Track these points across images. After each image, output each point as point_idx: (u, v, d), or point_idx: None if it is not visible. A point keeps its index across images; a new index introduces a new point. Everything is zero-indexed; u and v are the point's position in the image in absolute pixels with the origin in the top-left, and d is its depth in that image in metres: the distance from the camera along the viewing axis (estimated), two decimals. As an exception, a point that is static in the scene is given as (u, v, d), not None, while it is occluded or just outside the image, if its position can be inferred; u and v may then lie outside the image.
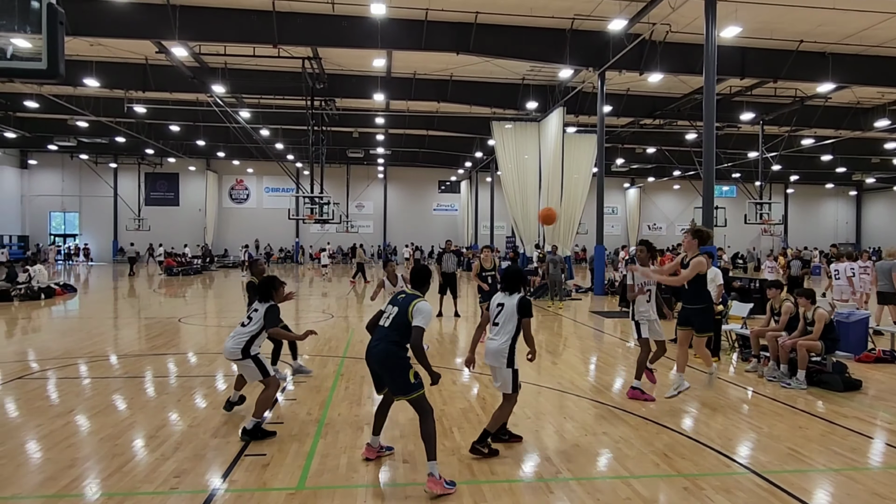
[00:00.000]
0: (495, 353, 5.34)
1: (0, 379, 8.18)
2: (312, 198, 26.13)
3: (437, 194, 50.08)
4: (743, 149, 35.16)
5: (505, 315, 5.33)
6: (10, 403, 6.98)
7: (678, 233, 50.36)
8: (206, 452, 5.37)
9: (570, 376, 8.62)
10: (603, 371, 9.11)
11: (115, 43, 20.44)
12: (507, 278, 5.48)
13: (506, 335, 5.32)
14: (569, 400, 7.33)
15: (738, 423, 6.47)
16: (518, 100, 25.28)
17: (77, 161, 44.35)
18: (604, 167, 21.84)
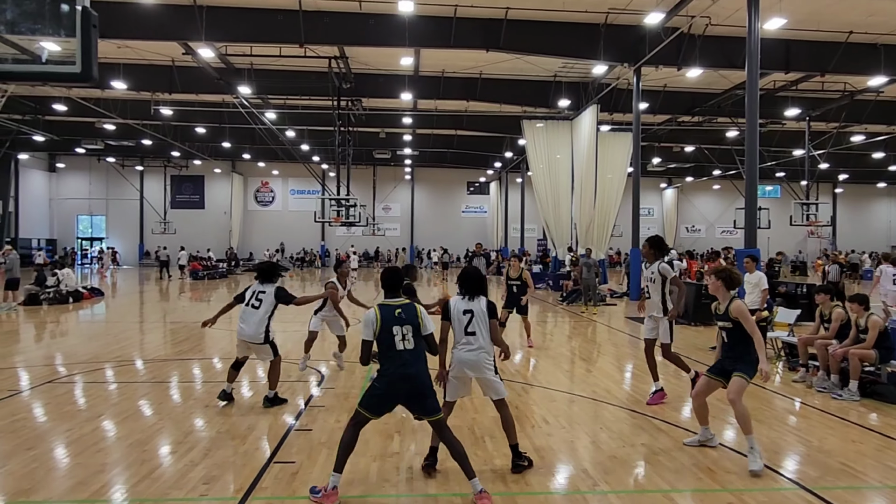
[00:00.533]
0: (478, 363, 5.09)
1: (30, 383, 8.43)
2: (339, 200, 26.38)
3: (466, 196, 50.10)
4: (788, 146, 34.44)
5: (478, 321, 5.12)
6: (40, 408, 7.19)
7: (718, 235, 49.56)
8: (234, 459, 5.45)
9: (606, 384, 8.53)
10: (640, 379, 8.99)
11: (142, 45, 20.94)
12: (468, 281, 5.21)
13: (486, 342, 5.13)
14: (604, 409, 7.25)
15: (786, 436, 6.33)
16: (550, 98, 25.17)
17: (104, 164, 45.52)
18: (639, 167, 21.62)
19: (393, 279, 4.94)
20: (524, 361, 10.37)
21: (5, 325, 14.24)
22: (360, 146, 36.47)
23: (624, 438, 6.14)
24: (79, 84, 5.34)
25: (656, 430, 6.44)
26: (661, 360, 7.79)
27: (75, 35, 3.69)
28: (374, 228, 45.41)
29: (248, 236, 47.91)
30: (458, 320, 5.15)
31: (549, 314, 17.58)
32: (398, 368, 4.65)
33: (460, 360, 5.13)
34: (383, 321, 4.69)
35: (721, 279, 5.68)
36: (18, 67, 3.86)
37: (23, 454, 5.53)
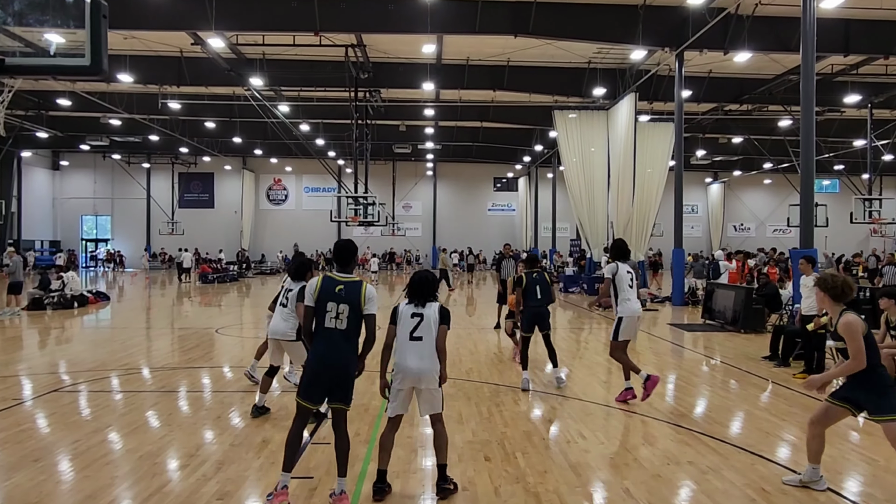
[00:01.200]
0: (426, 371, 4.96)
1: (35, 392, 8.63)
2: (356, 198, 26.55)
3: (493, 193, 50.07)
4: (847, 137, 33.82)
5: (426, 326, 4.98)
6: (45, 418, 7.36)
7: (769, 234, 48.85)
8: (249, 473, 5.53)
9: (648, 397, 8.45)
10: (685, 391, 8.91)
11: (149, 35, 21.33)
12: (417, 286, 5.09)
13: (433, 349, 5.00)
14: (646, 424, 7.20)
15: (848, 454, 6.22)
16: (583, 86, 25.06)
17: (109, 161, 46.43)
18: (682, 160, 21.37)
19: (424, 287, 5.07)
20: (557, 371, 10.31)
21: (8, 331, 14.59)
22: (378, 140, 36.67)
23: (668, 455, 6.09)
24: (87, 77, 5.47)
25: (704, 446, 6.37)
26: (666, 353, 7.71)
27: (84, 26, 3.78)
28: (394, 228, 45.63)
29: (260, 237, 48.46)
30: (405, 323, 5.02)
31: (583, 320, 17.49)
32: (325, 350, 4.73)
33: (406, 369, 4.96)
34: (321, 292, 4.74)
35: (825, 291, 5.11)
36: (27, 61, 3.97)
37: (29, 466, 5.67)
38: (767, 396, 8.66)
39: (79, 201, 47.92)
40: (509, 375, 9.84)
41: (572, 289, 26.65)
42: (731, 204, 50.05)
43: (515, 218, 49.33)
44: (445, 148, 42.07)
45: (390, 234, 46.04)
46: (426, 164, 47.96)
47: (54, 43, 3.98)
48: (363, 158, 29.94)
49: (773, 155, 37.31)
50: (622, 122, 22.78)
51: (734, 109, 30.13)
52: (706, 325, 15.80)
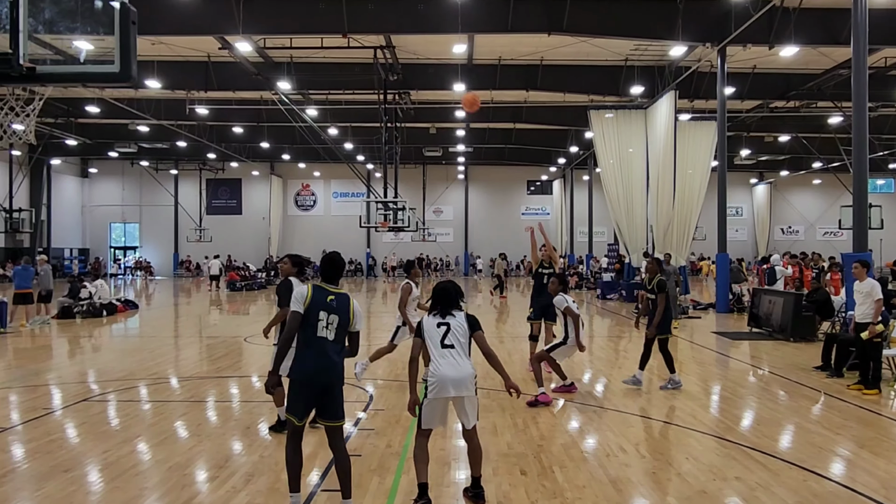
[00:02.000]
0: (465, 380, 4.99)
1: (65, 401, 8.84)
2: (386, 202, 26.70)
3: (526, 196, 49.90)
4: (902, 133, 32.94)
5: (456, 333, 5.10)
6: (76, 427, 7.53)
7: (820, 237, 47.83)
8: (279, 486, 5.57)
9: (691, 408, 8.33)
10: (731, 403, 8.75)
11: (177, 41, 21.78)
12: (441, 297, 5.21)
13: (467, 356, 5.11)
14: (690, 437, 7.08)
15: (908, 471, 6.03)
16: (620, 84, 24.87)
17: (137, 168, 47.45)
18: (726, 160, 21.07)
19: (446, 297, 5.20)
20: (594, 381, 10.23)
21: (39, 340, 14.98)
22: (408, 143, 36.83)
23: (714, 470, 5.98)
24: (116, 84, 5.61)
25: (752, 461, 6.24)
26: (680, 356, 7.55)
27: (113, 33, 3.87)
28: (425, 233, 45.74)
29: (289, 243, 48.93)
30: (432, 334, 5.10)
31: (623, 328, 17.31)
32: (316, 360, 4.68)
33: (442, 378, 4.97)
34: (313, 302, 4.72)
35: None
36: (57, 69, 4.09)
37: (60, 476, 5.80)
38: (820, 409, 8.46)
39: (107, 208, 49.04)
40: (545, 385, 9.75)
41: (610, 295, 26.40)
42: (779, 206, 49.07)
43: (550, 222, 48.99)
44: (477, 150, 42.06)
45: (421, 239, 46.15)
46: (457, 167, 48.01)
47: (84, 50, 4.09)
48: (393, 162, 30.11)
49: (822, 154, 36.52)
50: (661, 121, 22.51)
51: (780, 106, 29.59)
52: (753, 334, 15.51)
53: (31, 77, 3.85)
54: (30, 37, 3.90)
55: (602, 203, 32.18)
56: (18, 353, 13.23)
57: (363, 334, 5.75)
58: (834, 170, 38.48)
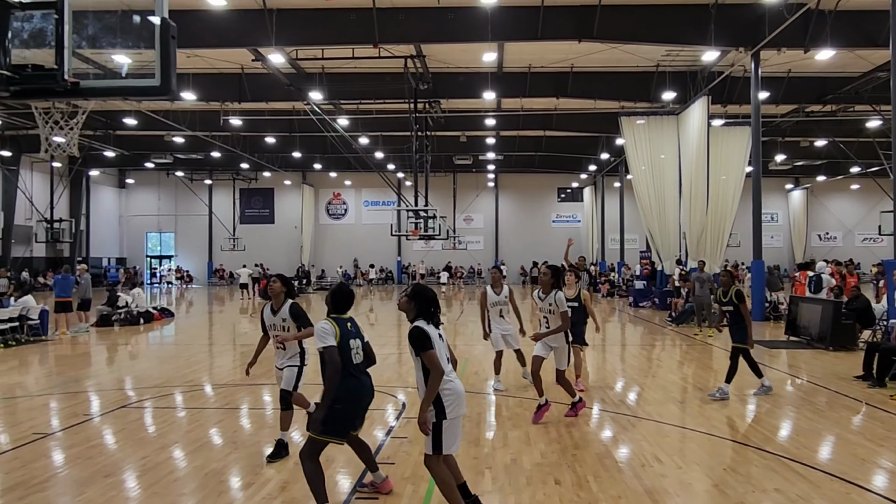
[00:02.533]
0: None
1: (104, 408, 9.01)
2: (416, 211, 26.78)
3: (557, 203, 49.69)
4: (944, 136, 32.10)
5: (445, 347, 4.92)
6: (114, 434, 7.67)
7: (859, 243, 46.78)
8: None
9: (728, 418, 8.20)
10: (769, 413, 8.59)
11: (211, 53, 22.18)
12: (434, 303, 4.81)
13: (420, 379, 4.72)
14: (727, 447, 6.97)
15: (956, 484, 5.86)
16: (652, 90, 24.67)
17: (173, 178, 48.36)
18: (760, 165, 20.73)
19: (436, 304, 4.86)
20: (627, 390, 10.12)
21: (78, 347, 15.31)
22: (438, 152, 36.94)
23: (753, 482, 5.87)
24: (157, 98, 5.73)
25: (792, 472, 6.11)
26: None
27: (154, 47, 3.96)
28: (455, 241, 45.77)
29: (320, 252, 49.41)
30: (439, 345, 4.67)
31: (656, 336, 17.11)
32: (362, 383, 5.08)
33: (459, 394, 4.69)
34: (342, 334, 4.99)
35: None
36: (100, 83, 4.19)
37: (100, 482, 5.92)
38: (861, 419, 8.26)
39: (143, 218, 50.03)
40: (578, 395, 9.68)
41: (643, 303, 26.11)
42: (815, 211, 48.13)
43: (581, 229, 48.73)
44: (507, 158, 42.02)
45: (451, 247, 46.20)
46: (487, 175, 48.01)
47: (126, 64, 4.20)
48: (423, 171, 30.22)
49: (860, 158, 35.76)
50: (694, 127, 22.30)
51: (816, 111, 29.05)
52: (790, 342, 15.21)
53: (76, 91, 3.96)
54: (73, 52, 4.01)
55: (633, 210, 31.91)
56: (59, 361, 13.54)
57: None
58: (873, 174, 37.67)
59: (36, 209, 36.71)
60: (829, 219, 48.56)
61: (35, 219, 37.39)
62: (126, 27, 4.43)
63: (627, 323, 21.09)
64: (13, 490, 5.69)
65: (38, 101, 15.94)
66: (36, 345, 15.50)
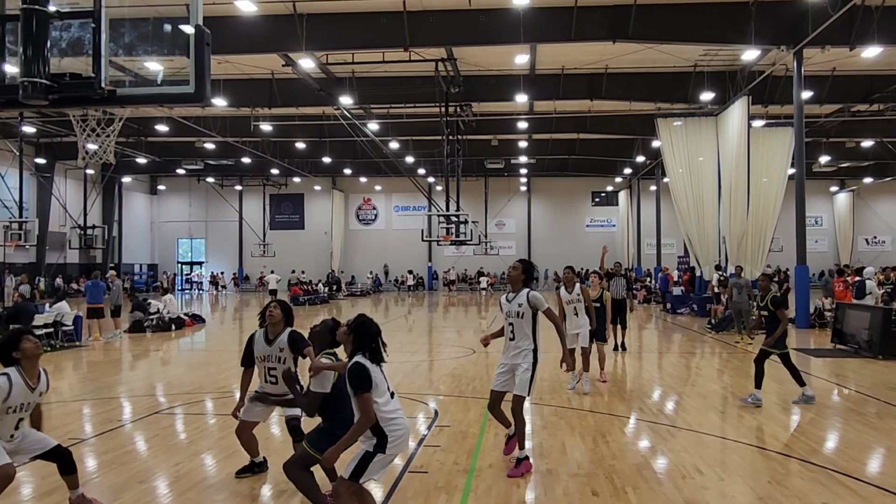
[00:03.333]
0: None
1: (136, 414, 9.19)
2: (447, 216, 26.83)
3: (591, 208, 49.40)
4: None
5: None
6: (147, 440, 7.82)
7: (908, 248, 45.62)
8: (345, 501, 5.65)
9: (771, 429, 8.05)
10: (814, 423, 8.41)
11: (241, 59, 22.54)
12: (362, 335, 4.51)
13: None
14: (770, 458, 6.84)
15: None
16: (689, 91, 24.41)
17: (203, 185, 49.20)
18: (804, 167, 20.36)
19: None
20: (665, 399, 10.00)
21: (112, 354, 15.64)
22: (469, 156, 37.00)
23: (799, 496, 5.75)
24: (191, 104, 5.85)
25: (840, 486, 5.97)
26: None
27: (188, 55, 4.05)
28: (487, 247, 45.73)
29: (350, 258, 49.77)
30: (379, 381, 4.41)
31: (695, 344, 16.88)
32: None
33: (407, 433, 4.49)
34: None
35: None
36: (136, 90, 4.30)
37: (135, 487, 6.03)
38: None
39: (175, 225, 50.98)
40: (615, 403, 9.60)
41: (681, 310, 25.76)
42: (862, 215, 47.04)
43: (616, 234, 48.36)
44: (540, 162, 41.90)
45: (483, 252, 46.17)
46: (520, 179, 47.92)
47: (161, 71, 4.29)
48: (454, 175, 30.29)
49: (910, 159, 34.93)
50: (734, 128, 21.99)
51: (863, 110, 28.44)
52: (837, 350, 14.88)
53: (112, 99, 4.06)
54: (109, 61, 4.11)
55: (670, 214, 31.57)
56: (92, 366, 13.85)
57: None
58: (923, 176, 36.74)
59: (70, 216, 37.60)
60: (876, 222, 47.46)
61: (69, 225, 38.32)
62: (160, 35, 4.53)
63: (664, 330, 20.85)
64: (50, 495, 5.83)
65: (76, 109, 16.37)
66: (70, 350, 15.86)
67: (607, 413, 8.92)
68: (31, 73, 3.79)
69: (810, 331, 19.02)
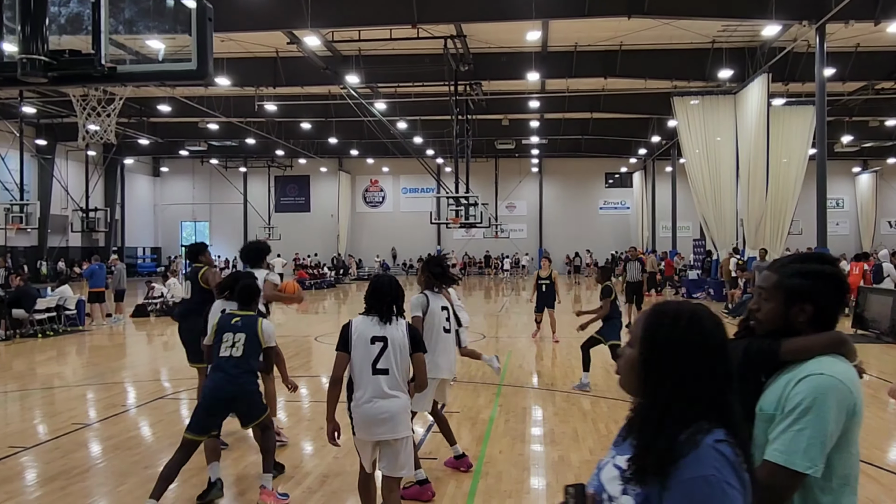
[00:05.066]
0: (397, 416, 4.18)
1: (140, 399, 9.28)
2: (457, 198, 26.78)
3: (604, 189, 49.16)
4: None
5: (395, 353, 4.20)
6: (152, 425, 7.90)
7: (933, 231, 45.22)
8: (353, 488, 5.66)
9: (789, 417, 8.04)
10: (834, 412, 8.39)
11: (246, 37, 22.44)
12: (378, 294, 4.33)
13: (404, 384, 4.26)
14: (789, 447, 6.83)
15: None
16: (707, 68, 24.15)
17: (207, 167, 49.26)
18: (825, 147, 20.15)
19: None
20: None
21: (115, 338, 15.77)
22: (479, 136, 36.82)
23: (816, 483, 5.75)
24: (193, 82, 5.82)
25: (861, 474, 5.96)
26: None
27: (189, 31, 4.03)
28: (497, 230, 45.64)
29: (357, 241, 49.82)
30: (365, 352, 4.19)
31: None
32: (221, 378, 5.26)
33: (371, 415, 4.15)
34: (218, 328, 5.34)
35: None
36: (138, 67, 4.30)
37: (140, 472, 6.10)
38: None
39: (178, 207, 51.13)
40: (628, 390, 9.61)
41: (696, 294, 25.70)
42: (885, 196, 46.59)
43: (630, 217, 48.16)
44: (552, 142, 41.67)
45: (493, 235, 46.05)
46: (531, 160, 47.70)
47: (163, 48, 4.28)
48: (464, 156, 30.17)
49: (936, 139, 34.56)
50: (753, 106, 21.79)
51: (887, 88, 28.08)
52: (857, 336, 14.81)
53: (113, 77, 4.05)
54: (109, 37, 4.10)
55: (686, 196, 31.39)
56: (96, 351, 13.97)
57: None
58: (950, 156, 36.33)
59: (71, 198, 37.74)
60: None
61: (71, 208, 38.47)
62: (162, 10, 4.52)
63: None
64: (55, 479, 5.90)
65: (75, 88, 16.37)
66: (73, 335, 16.01)
67: (620, 399, 8.92)
68: (29, 50, 3.78)
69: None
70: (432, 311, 5.36)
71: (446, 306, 5.52)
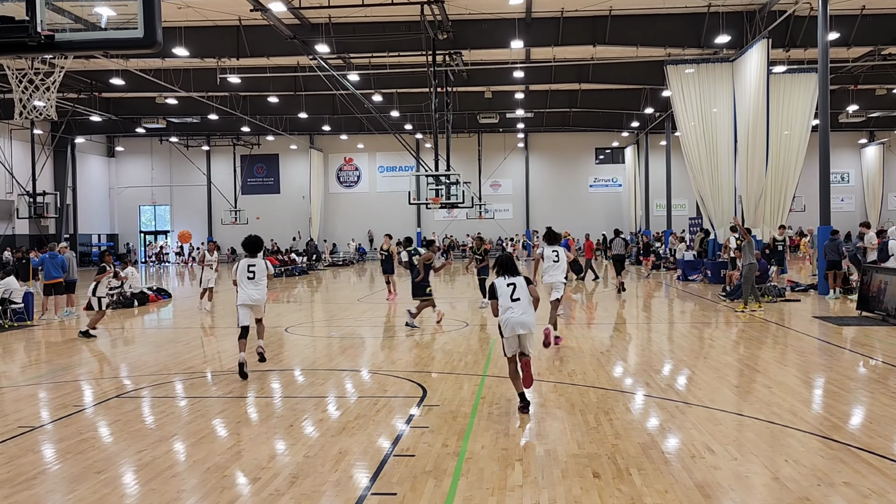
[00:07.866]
0: (527, 323, 7.76)
1: (96, 398, 9.19)
2: (437, 176, 26.72)
3: (595, 166, 49.35)
4: None
5: (521, 289, 7.90)
6: (109, 426, 7.82)
7: (942, 205, 45.87)
8: (325, 489, 5.68)
9: (790, 404, 8.13)
10: (837, 398, 8.49)
11: (205, 3, 22.17)
12: (508, 264, 8.16)
13: (529, 305, 7.90)
14: (788, 436, 6.91)
15: None
16: (703, 34, 24.25)
17: (167, 146, 48.77)
18: (828, 118, 20.32)
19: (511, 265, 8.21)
20: (675, 373, 10.08)
21: (68, 333, 15.60)
22: (461, 110, 36.75)
23: (819, 475, 5.82)
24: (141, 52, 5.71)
25: (864, 464, 6.05)
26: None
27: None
28: (481, 210, 45.67)
29: (332, 224, 49.68)
30: (504, 291, 7.86)
31: (708, 314, 16.98)
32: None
33: (514, 322, 7.70)
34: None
35: None
36: (78, 36, 4.18)
37: (93, 478, 6.04)
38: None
39: (136, 190, 50.62)
40: (620, 378, 9.67)
41: (692, 276, 25.90)
42: (893, 169, 47.18)
43: (622, 194, 48.41)
44: (538, 116, 41.68)
45: (477, 216, 46.10)
46: (516, 135, 47.73)
47: (105, 16, 4.18)
48: (444, 131, 30.08)
49: (945, 108, 34.97)
50: (751, 75, 21.89)
51: (894, 53, 28.34)
52: (863, 318, 15.01)
53: (50, 45, 3.96)
54: (48, 4, 4.00)
55: (682, 171, 31.58)
56: (47, 347, 13.82)
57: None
58: (959, 126, 36.79)
59: (17, 182, 37.21)
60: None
61: (16, 192, 37.92)
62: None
63: (676, 299, 20.97)
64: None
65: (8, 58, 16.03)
66: (20, 331, 15.82)
67: (611, 388, 8.98)
68: (-47, 16, 3.68)
69: (834, 298, 19.15)
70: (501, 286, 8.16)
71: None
